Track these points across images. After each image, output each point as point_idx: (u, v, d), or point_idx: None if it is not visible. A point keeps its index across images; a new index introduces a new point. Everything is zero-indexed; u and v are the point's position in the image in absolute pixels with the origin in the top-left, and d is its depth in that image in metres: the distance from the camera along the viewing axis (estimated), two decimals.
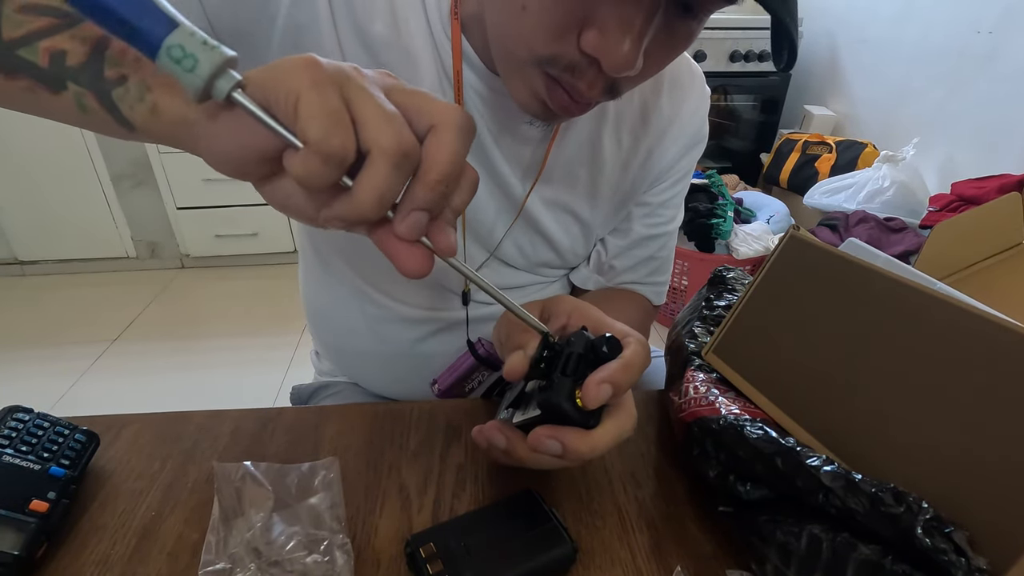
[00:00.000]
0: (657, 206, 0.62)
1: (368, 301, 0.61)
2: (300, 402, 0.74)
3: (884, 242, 1.65)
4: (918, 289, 0.36)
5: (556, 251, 0.60)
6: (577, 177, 0.56)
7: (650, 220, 0.63)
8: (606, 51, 0.36)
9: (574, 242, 0.61)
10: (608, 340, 0.36)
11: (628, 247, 0.63)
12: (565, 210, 0.58)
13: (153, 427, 0.50)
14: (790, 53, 0.39)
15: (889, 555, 0.30)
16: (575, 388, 0.35)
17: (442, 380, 0.61)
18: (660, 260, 0.66)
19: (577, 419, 0.35)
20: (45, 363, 1.79)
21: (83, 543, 0.39)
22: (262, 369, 1.75)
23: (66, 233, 2.18)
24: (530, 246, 0.59)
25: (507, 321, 0.44)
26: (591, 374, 0.35)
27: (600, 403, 0.35)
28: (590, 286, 0.65)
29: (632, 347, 0.37)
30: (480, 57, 0.49)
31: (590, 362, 0.36)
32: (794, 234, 0.45)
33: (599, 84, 0.40)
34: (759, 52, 2.34)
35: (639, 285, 0.66)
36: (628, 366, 0.36)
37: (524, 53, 0.40)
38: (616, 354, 0.36)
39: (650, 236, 0.63)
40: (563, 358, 0.36)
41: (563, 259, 0.62)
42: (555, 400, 0.35)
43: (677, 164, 0.61)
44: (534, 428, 0.37)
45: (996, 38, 1.68)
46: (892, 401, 0.35)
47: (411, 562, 0.37)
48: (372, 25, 0.46)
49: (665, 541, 0.41)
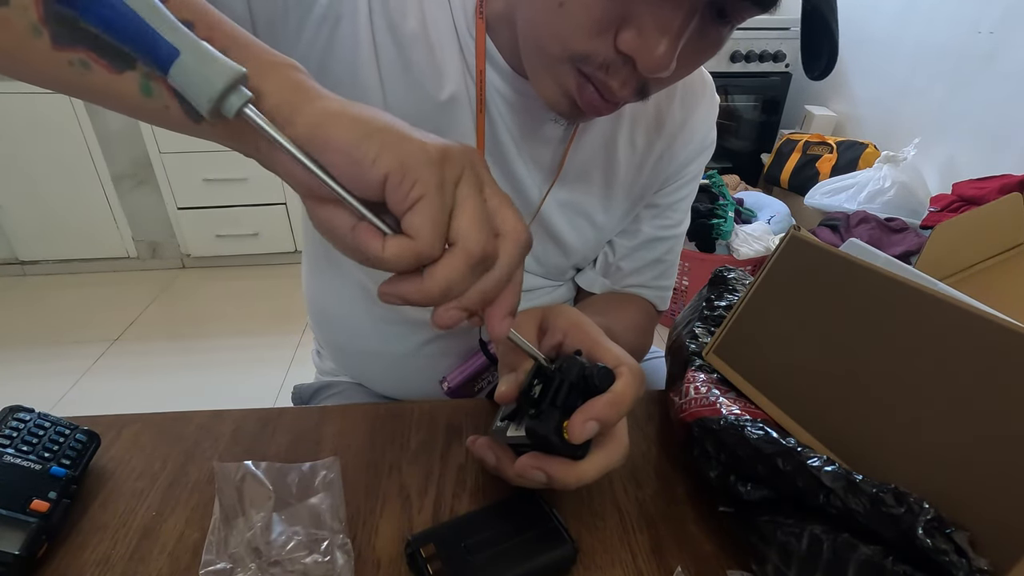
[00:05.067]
0: (666, 208, 0.63)
1: (375, 302, 0.61)
2: (301, 402, 0.74)
3: (885, 242, 1.65)
4: (919, 289, 0.36)
5: (567, 254, 0.60)
6: (592, 180, 0.57)
7: (658, 221, 0.63)
8: (643, 51, 0.37)
9: (585, 245, 0.61)
10: (600, 371, 0.36)
11: (636, 248, 0.64)
12: (579, 213, 0.58)
13: (154, 427, 0.50)
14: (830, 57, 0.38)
15: (890, 556, 0.30)
16: (563, 420, 0.35)
17: (452, 378, 0.60)
18: (666, 264, 0.66)
19: (564, 451, 0.35)
20: (46, 363, 1.80)
21: (84, 543, 0.39)
22: (263, 369, 1.75)
23: (67, 233, 2.18)
24: (541, 249, 0.59)
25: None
26: (578, 409, 0.35)
27: (585, 439, 0.35)
28: (596, 289, 0.65)
29: (624, 378, 0.36)
30: (504, 58, 0.49)
31: (581, 391, 0.36)
32: (795, 234, 0.45)
33: (631, 84, 0.40)
34: (759, 52, 2.34)
35: (644, 289, 0.66)
36: (617, 401, 0.35)
37: (558, 49, 0.40)
38: (607, 386, 0.36)
39: (658, 238, 0.63)
40: (554, 386, 0.36)
41: (572, 262, 0.62)
42: (541, 431, 0.35)
43: (687, 168, 0.61)
44: (524, 448, 0.37)
45: (997, 38, 1.68)
46: (893, 401, 0.35)
47: (411, 562, 0.37)
48: (405, 21, 0.46)
49: (665, 541, 0.41)
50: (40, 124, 1.97)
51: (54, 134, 1.99)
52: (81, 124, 1.99)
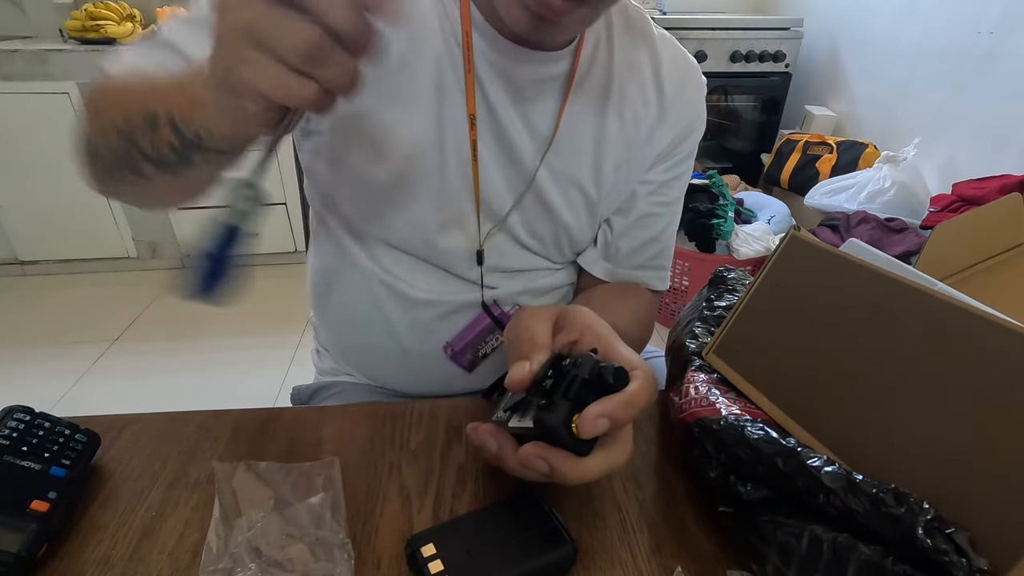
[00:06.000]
0: (660, 184, 0.64)
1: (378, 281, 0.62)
2: (301, 403, 0.74)
3: (885, 242, 1.65)
4: (919, 289, 0.36)
5: (561, 227, 0.61)
6: (583, 152, 0.58)
7: (654, 198, 0.65)
8: None
9: (579, 219, 0.62)
10: (616, 371, 0.36)
11: (632, 226, 0.65)
12: (572, 183, 0.59)
13: (154, 427, 0.50)
14: None
15: (890, 556, 0.30)
16: (573, 413, 0.35)
17: (456, 342, 0.61)
18: (662, 244, 0.67)
19: (570, 445, 0.35)
20: (46, 363, 1.80)
21: (84, 543, 0.39)
22: (262, 369, 1.75)
23: (67, 233, 2.18)
24: (537, 221, 0.61)
25: (517, 327, 0.44)
26: (591, 404, 0.35)
27: (595, 435, 0.35)
28: (597, 271, 0.66)
29: (638, 382, 0.36)
30: (488, 22, 0.51)
31: (593, 388, 0.36)
32: (795, 234, 0.45)
33: None
34: (759, 52, 2.34)
35: (643, 270, 0.67)
36: (631, 402, 0.35)
37: None
38: (622, 386, 0.36)
39: (653, 214, 0.65)
40: (567, 380, 0.36)
41: (569, 237, 0.63)
42: (550, 422, 0.35)
43: (679, 146, 0.63)
44: (526, 440, 0.37)
45: (997, 38, 1.68)
46: (893, 401, 0.35)
47: (411, 562, 0.37)
48: None
49: (665, 541, 0.41)
50: (40, 124, 1.97)
51: (54, 134, 1.99)
52: None
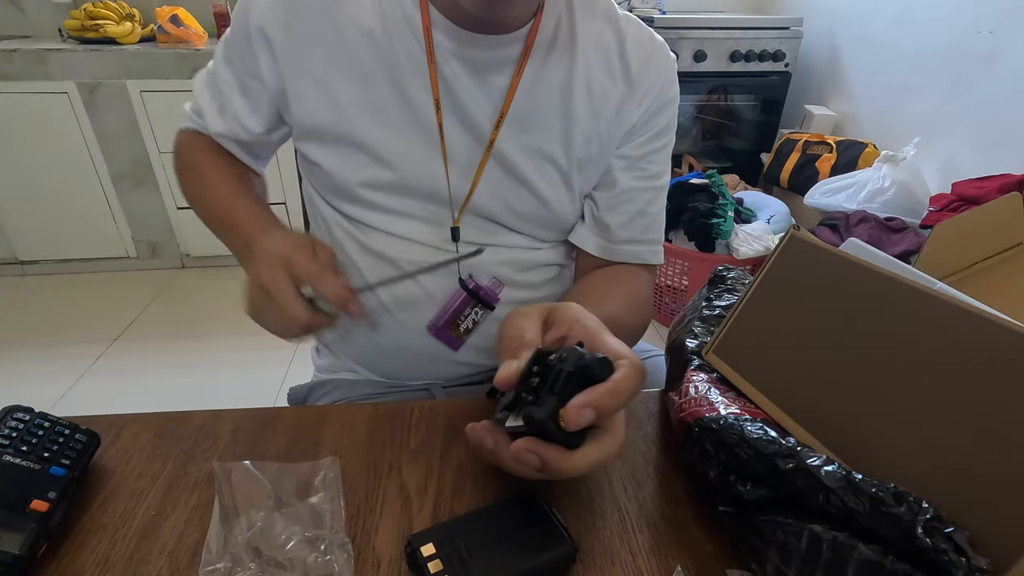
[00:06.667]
0: (638, 159, 0.65)
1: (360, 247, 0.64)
2: (297, 402, 0.74)
3: (885, 242, 1.65)
4: (918, 289, 0.36)
5: (539, 199, 0.62)
6: (552, 125, 0.60)
7: (633, 172, 0.66)
8: None
9: (555, 189, 0.63)
10: (600, 362, 0.36)
11: (617, 200, 0.66)
12: (544, 157, 0.61)
13: (154, 427, 0.50)
14: None
15: (890, 555, 0.30)
16: (559, 407, 0.35)
17: (436, 319, 0.62)
18: (651, 216, 0.68)
19: (559, 438, 0.35)
20: (45, 363, 1.79)
21: (83, 543, 0.39)
22: (262, 369, 1.75)
23: (67, 233, 2.18)
24: (514, 195, 0.62)
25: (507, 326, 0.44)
26: (576, 396, 0.35)
27: (581, 426, 0.35)
28: (590, 246, 0.67)
29: (623, 371, 0.36)
30: (445, 15, 0.54)
31: (579, 381, 0.36)
32: (794, 234, 0.45)
33: None
34: (759, 52, 2.34)
35: (636, 244, 0.68)
36: (615, 391, 0.36)
37: None
38: (606, 376, 0.36)
39: (636, 188, 0.66)
40: (552, 374, 0.36)
41: (549, 210, 0.64)
42: (537, 417, 0.35)
43: (650, 121, 0.64)
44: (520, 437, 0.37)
45: (996, 38, 1.68)
46: (892, 401, 0.35)
47: (411, 562, 0.37)
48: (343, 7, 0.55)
49: (665, 541, 0.41)
50: (40, 124, 1.97)
51: (54, 134, 1.99)
52: (81, 124, 1.99)
